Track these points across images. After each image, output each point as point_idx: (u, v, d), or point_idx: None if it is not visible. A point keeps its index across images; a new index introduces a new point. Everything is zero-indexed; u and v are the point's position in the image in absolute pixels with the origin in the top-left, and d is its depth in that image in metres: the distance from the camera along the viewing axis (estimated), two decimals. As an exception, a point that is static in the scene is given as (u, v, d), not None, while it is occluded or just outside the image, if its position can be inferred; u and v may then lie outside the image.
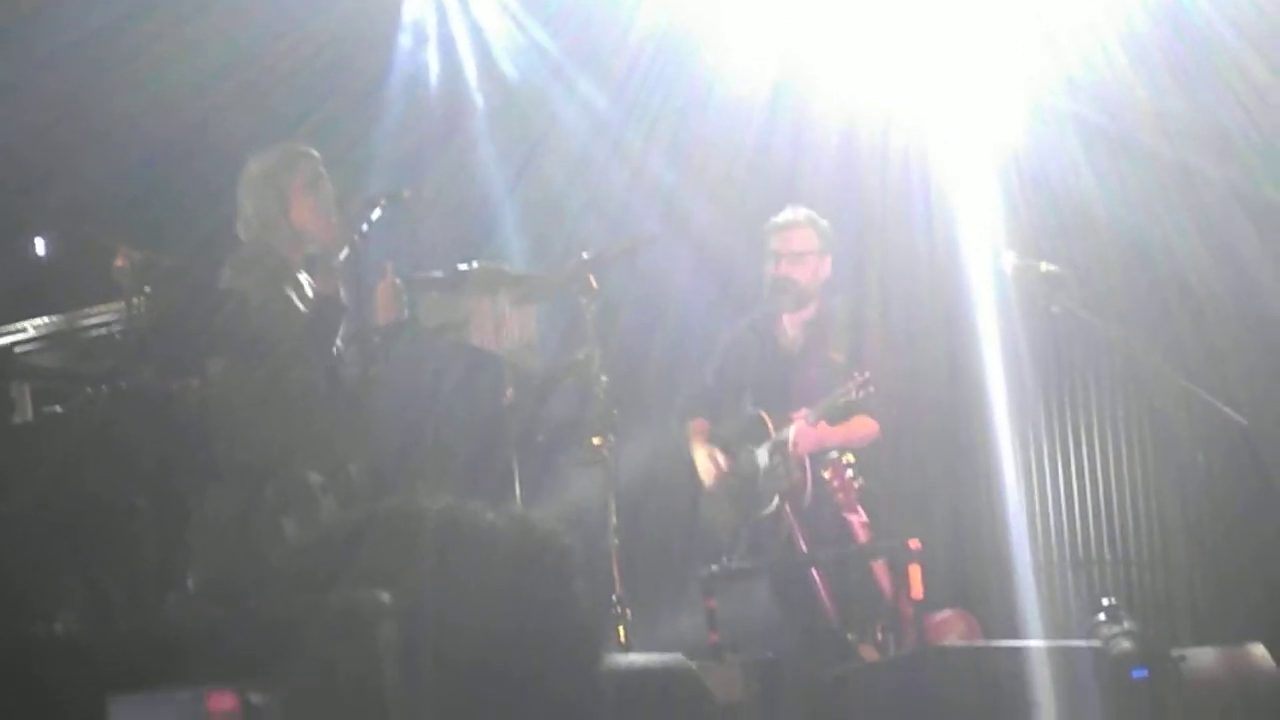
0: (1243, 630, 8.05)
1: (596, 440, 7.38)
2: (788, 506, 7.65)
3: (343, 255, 6.79)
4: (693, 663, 5.81)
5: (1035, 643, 6.18)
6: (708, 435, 8.14)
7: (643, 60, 9.21)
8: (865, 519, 7.67)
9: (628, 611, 7.14)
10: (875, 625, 7.42)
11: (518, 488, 7.64)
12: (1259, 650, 6.28)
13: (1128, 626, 5.84)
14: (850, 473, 7.53)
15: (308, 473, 6.65)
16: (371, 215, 6.84)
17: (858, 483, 7.56)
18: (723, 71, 9.21)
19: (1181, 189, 8.89)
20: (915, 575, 6.91)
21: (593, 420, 7.43)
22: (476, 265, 7.70)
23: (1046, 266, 7.16)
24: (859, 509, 7.69)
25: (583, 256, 7.58)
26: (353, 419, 6.75)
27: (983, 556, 9.02)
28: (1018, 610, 7.32)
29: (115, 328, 6.25)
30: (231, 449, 6.45)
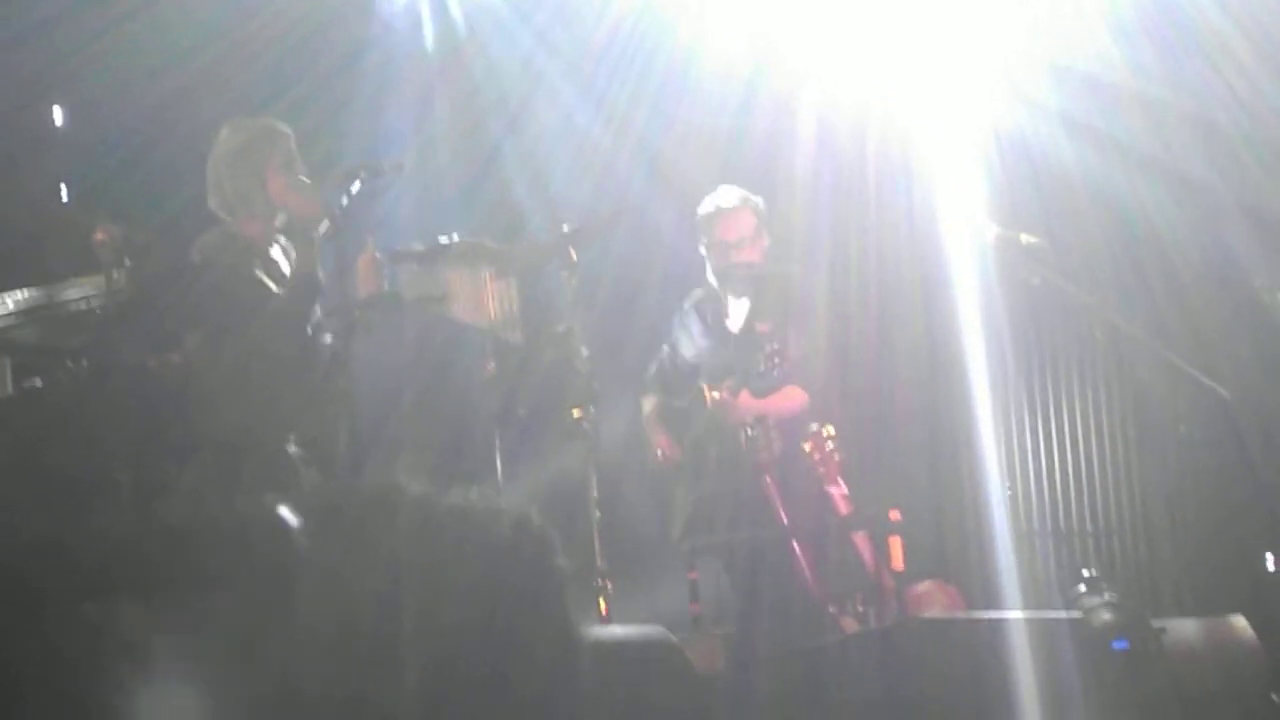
0: (1222, 602, 8.07)
1: (577, 413, 7.38)
2: (768, 479, 7.64)
3: (323, 228, 6.78)
4: (674, 635, 5.81)
5: (1016, 614, 6.18)
6: (658, 413, 8.13)
7: (623, 31, 9.18)
8: (845, 491, 7.67)
9: (609, 584, 7.15)
10: (856, 597, 7.42)
11: (498, 461, 7.64)
12: (1239, 621, 6.29)
13: (1108, 598, 5.84)
14: (830, 445, 7.52)
15: (288, 446, 6.66)
16: (351, 188, 6.82)
17: (838, 455, 7.56)
18: (704, 44, 9.19)
19: (1162, 161, 8.90)
20: (896, 547, 6.92)
21: (573, 393, 7.43)
22: (457, 238, 7.68)
23: (1027, 238, 7.14)
24: (839, 481, 7.70)
25: (563, 229, 7.58)
26: (333, 392, 6.74)
27: (963, 528, 9.03)
28: (998, 582, 7.33)
29: (95, 302, 6.25)
30: (211, 423, 6.45)
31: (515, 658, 2.08)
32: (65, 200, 7.22)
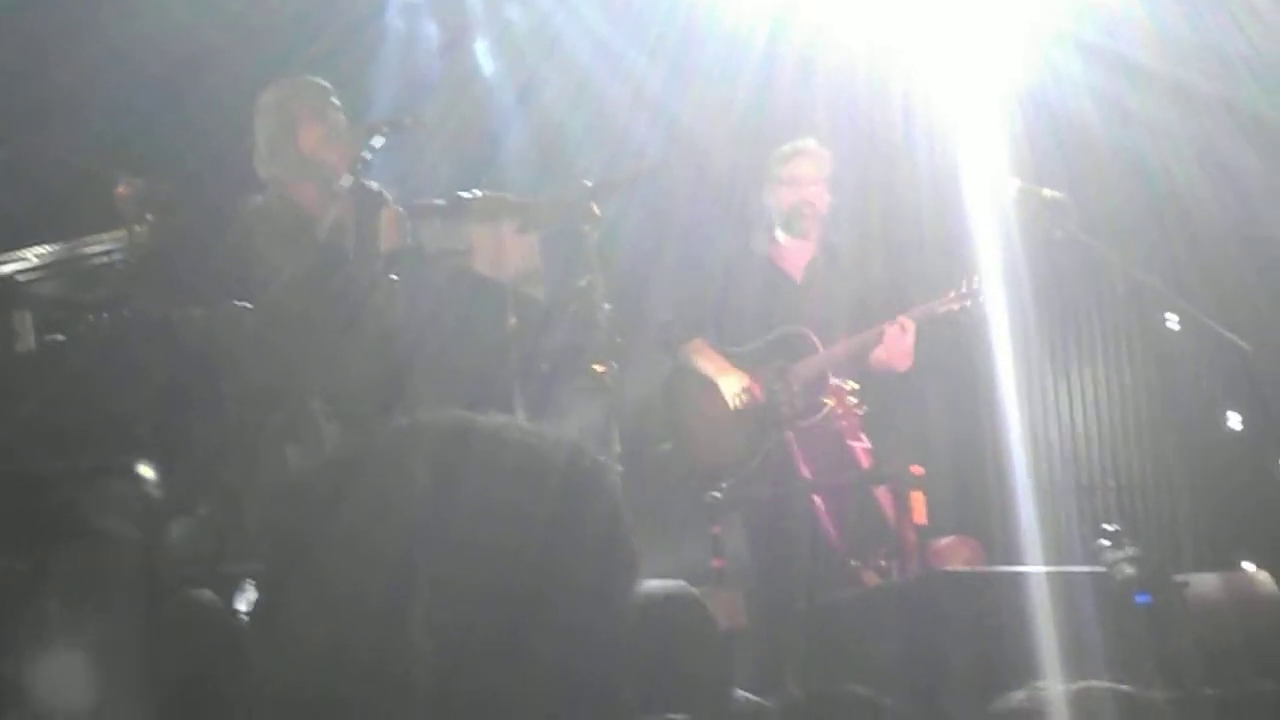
0: (1244, 556, 8.08)
1: (599, 367, 7.38)
2: (791, 433, 7.64)
3: (345, 182, 6.79)
4: (696, 589, 5.81)
5: (1038, 568, 6.19)
6: (725, 357, 8.05)
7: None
8: (868, 445, 7.68)
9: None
10: (878, 551, 7.43)
11: (520, 415, 7.65)
12: (1262, 575, 6.31)
13: (1131, 552, 5.84)
14: (853, 399, 7.53)
15: (311, 400, 6.67)
16: (373, 142, 6.82)
17: (861, 409, 7.57)
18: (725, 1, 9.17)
19: (1182, 115, 8.88)
20: (918, 501, 6.92)
21: (595, 347, 7.42)
22: (479, 193, 7.68)
23: (1049, 192, 7.14)
24: (862, 435, 7.70)
25: (585, 184, 7.57)
26: (356, 347, 6.75)
27: (985, 483, 9.03)
28: (1020, 536, 7.32)
29: (117, 256, 6.26)
30: (234, 377, 6.46)
31: (582, 598, 2.09)
32: (89, 154, 7.21)
